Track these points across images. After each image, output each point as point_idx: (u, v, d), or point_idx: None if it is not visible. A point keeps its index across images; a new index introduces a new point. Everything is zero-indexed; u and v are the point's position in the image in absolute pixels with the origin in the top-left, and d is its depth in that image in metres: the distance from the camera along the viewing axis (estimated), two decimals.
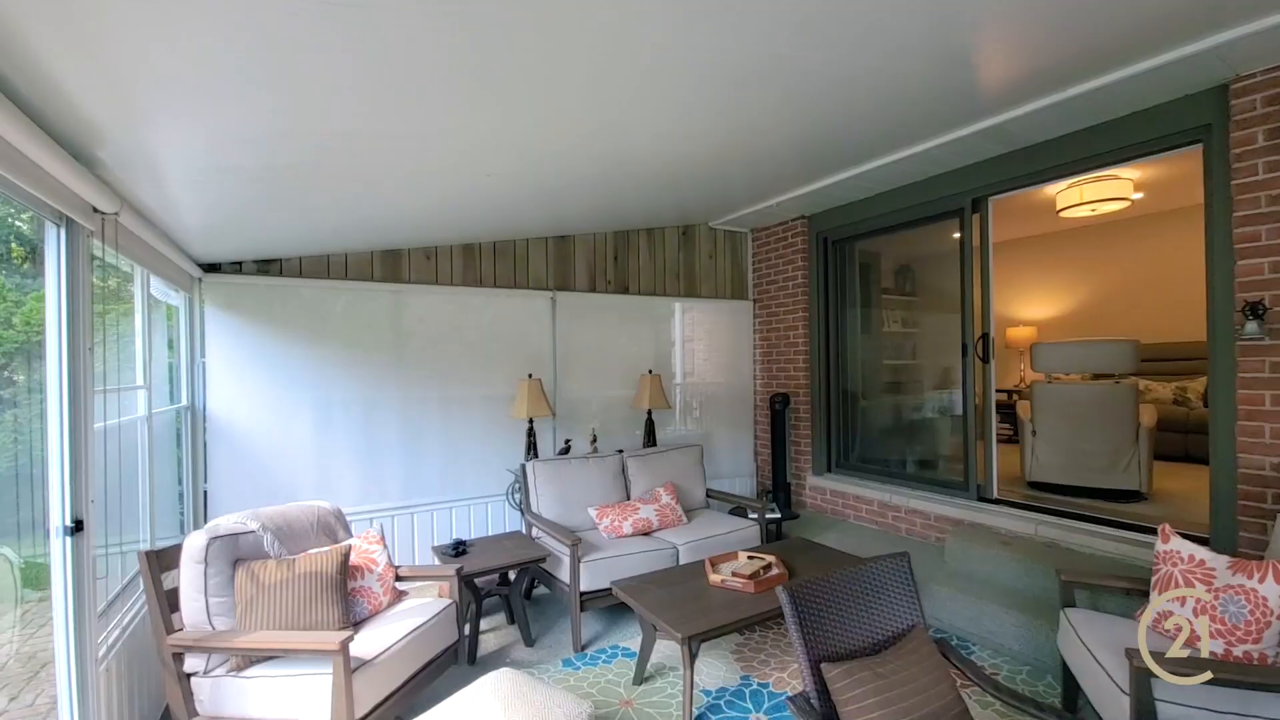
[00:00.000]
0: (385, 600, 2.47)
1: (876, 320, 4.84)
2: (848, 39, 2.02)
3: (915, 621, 1.55)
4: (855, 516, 4.59)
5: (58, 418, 1.69)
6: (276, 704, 1.96)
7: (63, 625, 1.74)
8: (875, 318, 4.85)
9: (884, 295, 4.88)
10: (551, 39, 1.70)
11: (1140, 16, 2.14)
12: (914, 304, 4.72)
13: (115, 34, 1.30)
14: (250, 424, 3.44)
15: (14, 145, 1.39)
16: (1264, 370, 2.61)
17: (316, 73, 1.66)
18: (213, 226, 2.84)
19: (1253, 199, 2.63)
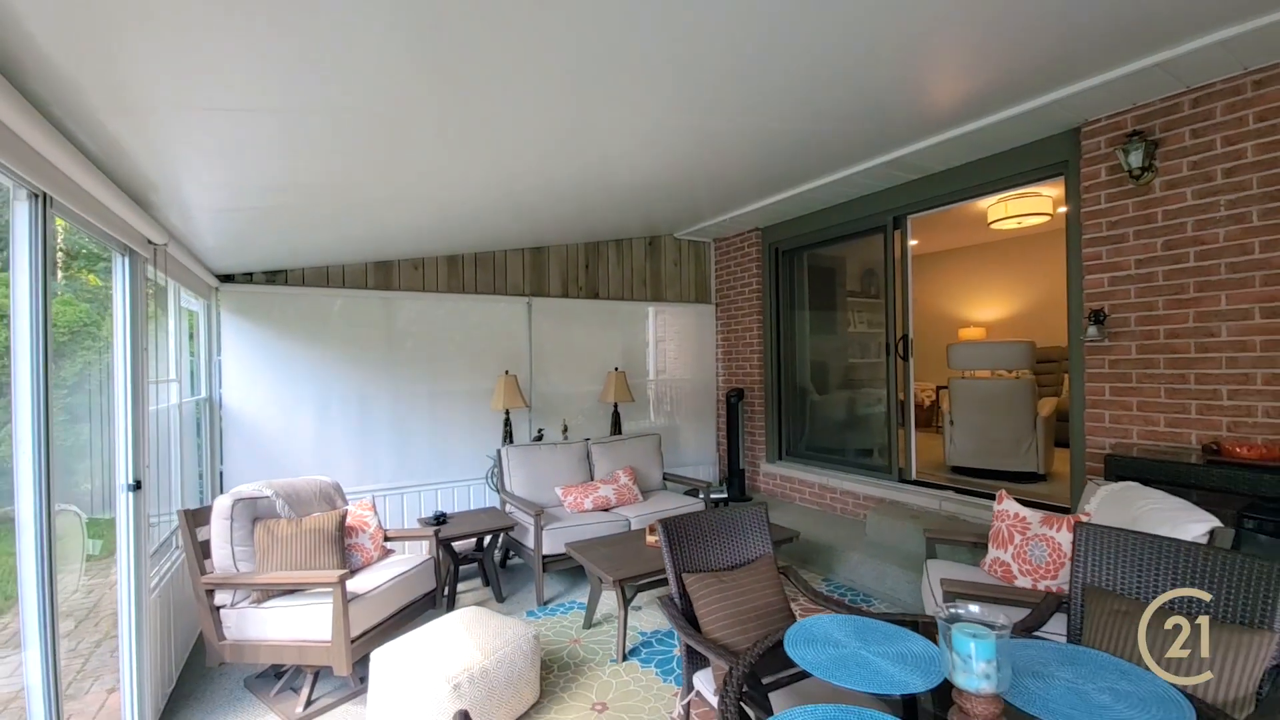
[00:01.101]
0: (375, 555, 3.01)
1: (821, 322, 5.37)
2: (772, 87, 2.39)
3: (765, 552, 2.09)
4: (800, 499, 5.13)
5: (123, 402, 2.22)
6: (289, 628, 2.49)
7: (125, 561, 2.27)
8: (820, 320, 5.38)
9: (827, 300, 5.41)
10: (526, 89, 2.16)
11: (1007, 72, 2.59)
12: (852, 308, 5.24)
13: (166, 118, 1.83)
14: (260, 414, 3.97)
15: (95, 197, 1.91)
16: (1104, 367, 3.15)
17: (323, 143, 2.19)
18: (228, 246, 3.37)
19: (1096, 224, 3.17)
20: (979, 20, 2.09)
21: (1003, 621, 1.14)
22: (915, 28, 2.07)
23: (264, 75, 1.67)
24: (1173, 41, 2.44)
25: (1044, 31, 2.24)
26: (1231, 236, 2.71)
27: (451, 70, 1.83)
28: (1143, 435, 3.01)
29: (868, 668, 1.37)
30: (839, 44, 2.10)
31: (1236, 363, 2.71)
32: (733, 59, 2.10)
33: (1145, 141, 2.92)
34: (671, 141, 2.96)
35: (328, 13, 1.44)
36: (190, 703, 2.61)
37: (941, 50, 2.32)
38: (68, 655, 2.69)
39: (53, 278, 1.68)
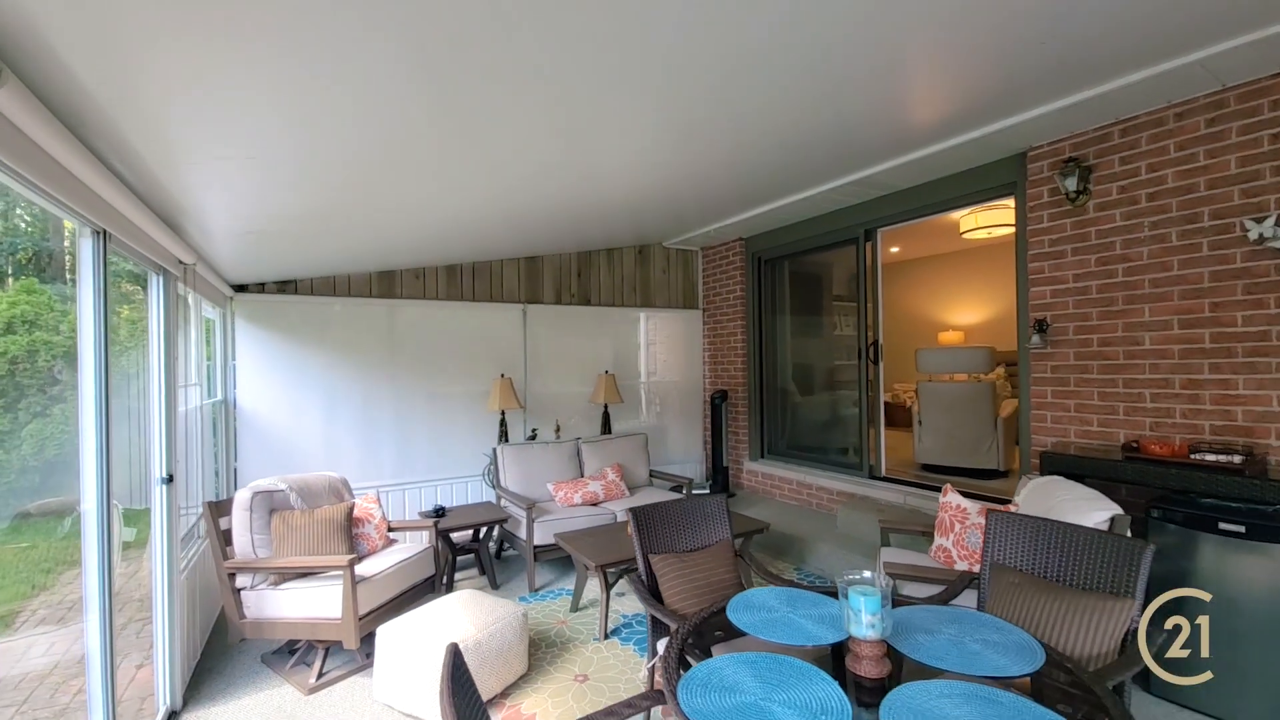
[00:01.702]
0: (380, 544, 3.30)
1: (801, 327, 5.66)
2: (751, 109, 2.64)
3: (723, 537, 2.37)
4: (780, 494, 5.42)
5: (158, 404, 2.51)
6: (303, 607, 2.78)
7: (159, 546, 2.55)
8: (800, 325, 5.67)
9: (806, 306, 5.69)
10: (521, 117, 2.42)
11: (961, 102, 2.82)
12: (829, 314, 5.53)
13: (199, 163, 2.12)
14: (271, 414, 4.26)
15: (142, 229, 2.19)
16: (1047, 372, 3.44)
17: (334, 177, 2.48)
18: (243, 259, 3.66)
19: (1039, 240, 3.46)
20: (936, 56, 2.28)
21: (883, 582, 1.43)
22: (879, 62, 2.23)
23: (287, 127, 1.96)
24: (1104, 78, 2.69)
25: (994, 67, 2.45)
26: (1154, 255, 3.00)
27: (452, 103, 2.03)
28: (1079, 434, 3.30)
29: (792, 626, 1.66)
30: (811, 73, 2.29)
31: (1158, 369, 2.99)
32: (714, 86, 2.25)
33: (1079, 167, 3.21)
34: (658, 159, 3.19)
35: (344, 63, 1.73)
36: (213, 676, 2.90)
37: (903, 83, 2.54)
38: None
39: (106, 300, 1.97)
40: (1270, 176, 2.64)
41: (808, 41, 2.04)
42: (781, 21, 1.87)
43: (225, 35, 1.40)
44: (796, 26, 1.91)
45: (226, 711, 2.61)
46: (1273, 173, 2.63)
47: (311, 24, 1.42)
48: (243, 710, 2.62)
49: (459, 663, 1.13)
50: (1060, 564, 1.92)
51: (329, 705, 2.64)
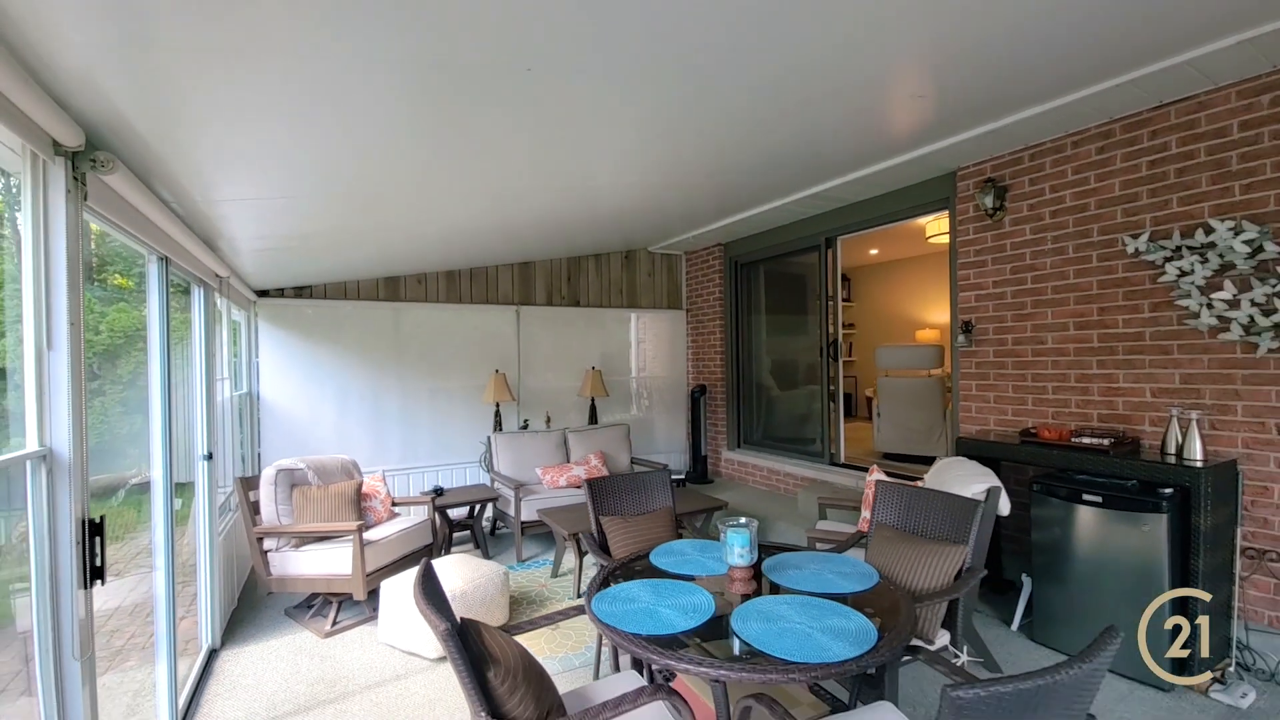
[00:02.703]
0: (385, 516, 3.81)
1: (774, 326, 6.10)
2: (723, 125, 2.93)
3: (665, 505, 2.85)
4: (753, 481, 5.89)
5: (200, 393, 3.03)
6: (320, 565, 3.30)
7: (201, 512, 3.08)
8: (773, 324, 6.11)
9: (778, 307, 6.13)
10: (517, 139, 2.89)
11: (901, 126, 3.21)
12: (798, 314, 5.96)
13: (234, 198, 2.62)
14: (290, 405, 4.79)
15: (191, 253, 2.70)
16: (972, 368, 3.87)
17: (348, 203, 2.98)
18: (266, 269, 4.18)
19: (966, 250, 3.89)
20: (881, 81, 2.57)
21: (744, 521, 1.90)
22: (827, 88, 2.50)
23: (308, 163, 2.46)
24: (1016, 109, 3.04)
25: (929, 94, 2.83)
26: (1055, 265, 3.43)
27: (452, 130, 2.27)
28: (997, 422, 3.74)
29: (696, 563, 2.13)
30: (771, 93, 2.52)
31: (1058, 364, 3.42)
32: (690, 104, 2.50)
33: (996, 186, 3.63)
34: (644, 173, 3.53)
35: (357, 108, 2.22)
36: (245, 624, 3.43)
37: (854, 106, 2.80)
38: (143, 595, 3.52)
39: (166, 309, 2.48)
40: (1146, 198, 3.06)
41: (770, 64, 2.19)
42: (748, 48, 2.05)
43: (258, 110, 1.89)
44: (762, 52, 2.09)
45: (256, 651, 3.14)
46: (1148, 195, 3.05)
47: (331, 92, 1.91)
48: (270, 650, 3.14)
49: (429, 571, 1.61)
50: (921, 521, 2.38)
51: (341, 646, 3.16)
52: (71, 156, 1.45)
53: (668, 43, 1.90)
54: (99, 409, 3.42)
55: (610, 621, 1.70)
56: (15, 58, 1.26)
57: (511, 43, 1.74)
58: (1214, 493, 2.56)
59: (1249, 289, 2.69)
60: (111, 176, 1.58)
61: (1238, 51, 2.48)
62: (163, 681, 2.43)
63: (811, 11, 1.84)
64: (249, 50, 1.49)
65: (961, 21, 2.09)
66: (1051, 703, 1.01)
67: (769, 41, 2.01)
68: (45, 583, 1.42)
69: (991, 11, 2.03)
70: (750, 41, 2.00)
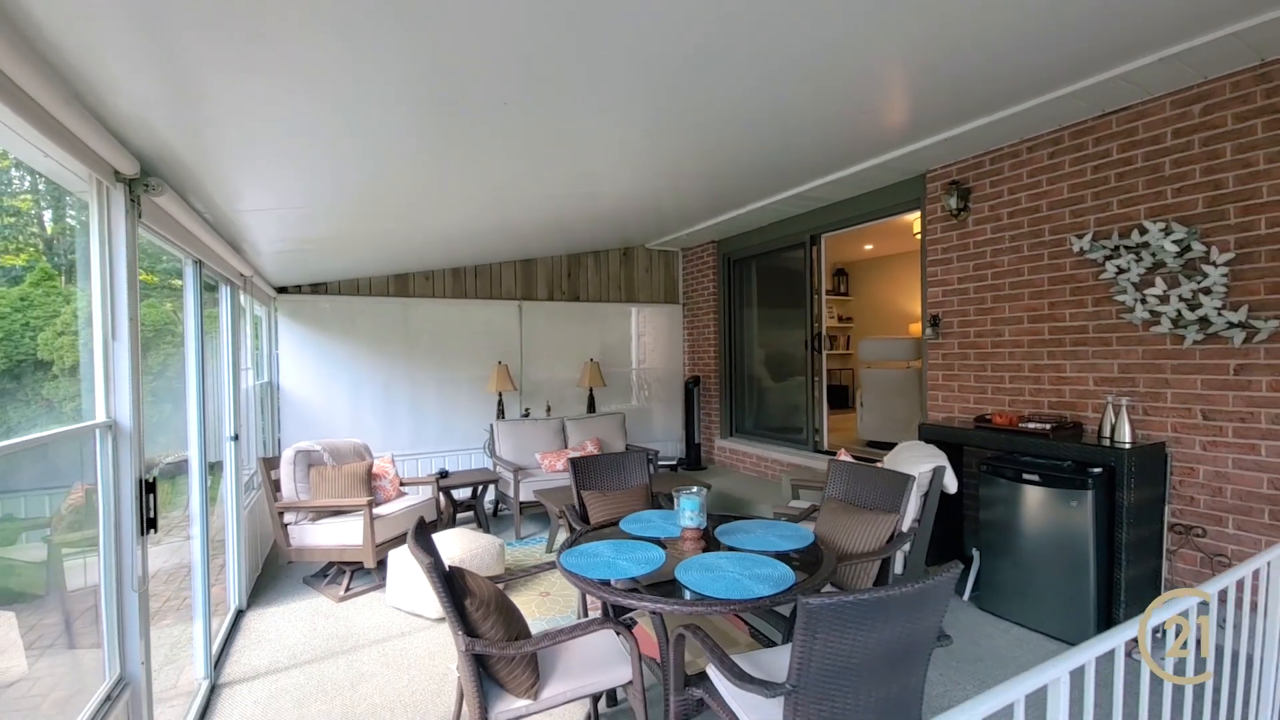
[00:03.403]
0: (394, 494, 4.16)
1: (765, 320, 6.35)
2: (715, 123, 3.18)
3: (642, 482, 3.15)
4: (743, 467, 6.17)
5: (228, 380, 3.38)
6: (334, 537, 3.65)
7: (230, 487, 3.44)
8: (764, 318, 6.36)
9: (769, 301, 6.38)
10: (520, 149, 3.21)
11: (876, 130, 3.41)
12: (787, 308, 6.20)
13: (257, 208, 2.96)
14: (307, 394, 5.16)
15: (221, 256, 3.04)
16: (939, 359, 4.12)
17: (362, 210, 3.30)
18: (284, 268, 4.53)
19: (934, 248, 4.13)
20: (859, 85, 2.73)
21: (695, 490, 2.20)
22: (805, 95, 2.73)
23: (325, 181, 2.78)
24: (974, 117, 3.25)
25: (899, 102, 3.03)
26: (1011, 262, 3.66)
27: (458, 138, 2.60)
28: (961, 410, 3.99)
29: (659, 529, 2.44)
30: (756, 100, 2.71)
31: (1014, 355, 3.67)
32: (683, 112, 2.70)
33: (959, 188, 3.87)
34: (641, 173, 3.79)
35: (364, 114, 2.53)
36: (267, 590, 3.80)
37: (825, 116, 3.07)
38: (174, 565, 3.90)
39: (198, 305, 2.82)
40: (1091, 200, 3.29)
41: (754, 72, 2.36)
42: (731, 58, 2.18)
43: (286, 135, 2.21)
44: (745, 63, 2.27)
45: (278, 612, 3.50)
46: (1093, 197, 3.28)
47: (349, 118, 2.23)
48: (290, 612, 3.51)
49: (422, 523, 1.93)
50: (864, 494, 2.66)
51: (353, 609, 3.52)
52: (129, 183, 1.77)
53: (656, 56, 2.08)
54: None
55: (574, 570, 2.01)
56: (84, 104, 1.58)
57: (512, 75, 2.03)
58: (1137, 472, 2.81)
59: (1177, 285, 2.92)
60: (160, 198, 1.90)
61: (1164, 67, 2.70)
62: (199, 634, 2.79)
63: (789, 25, 2.00)
64: (279, 94, 1.80)
65: (924, 40, 2.25)
66: (887, 615, 1.29)
67: (753, 48, 2.14)
68: (110, 529, 1.76)
69: (953, 28, 2.21)
70: (734, 52, 2.14)
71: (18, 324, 3.95)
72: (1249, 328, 2.70)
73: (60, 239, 3.64)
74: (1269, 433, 2.68)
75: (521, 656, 1.72)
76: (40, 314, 3.89)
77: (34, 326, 3.86)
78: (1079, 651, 1.14)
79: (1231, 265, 2.75)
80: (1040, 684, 1.08)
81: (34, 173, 2.85)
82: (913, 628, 1.36)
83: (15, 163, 2.78)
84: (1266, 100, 2.67)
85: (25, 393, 3.68)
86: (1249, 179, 2.73)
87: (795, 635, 1.27)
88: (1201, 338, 2.85)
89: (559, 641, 1.74)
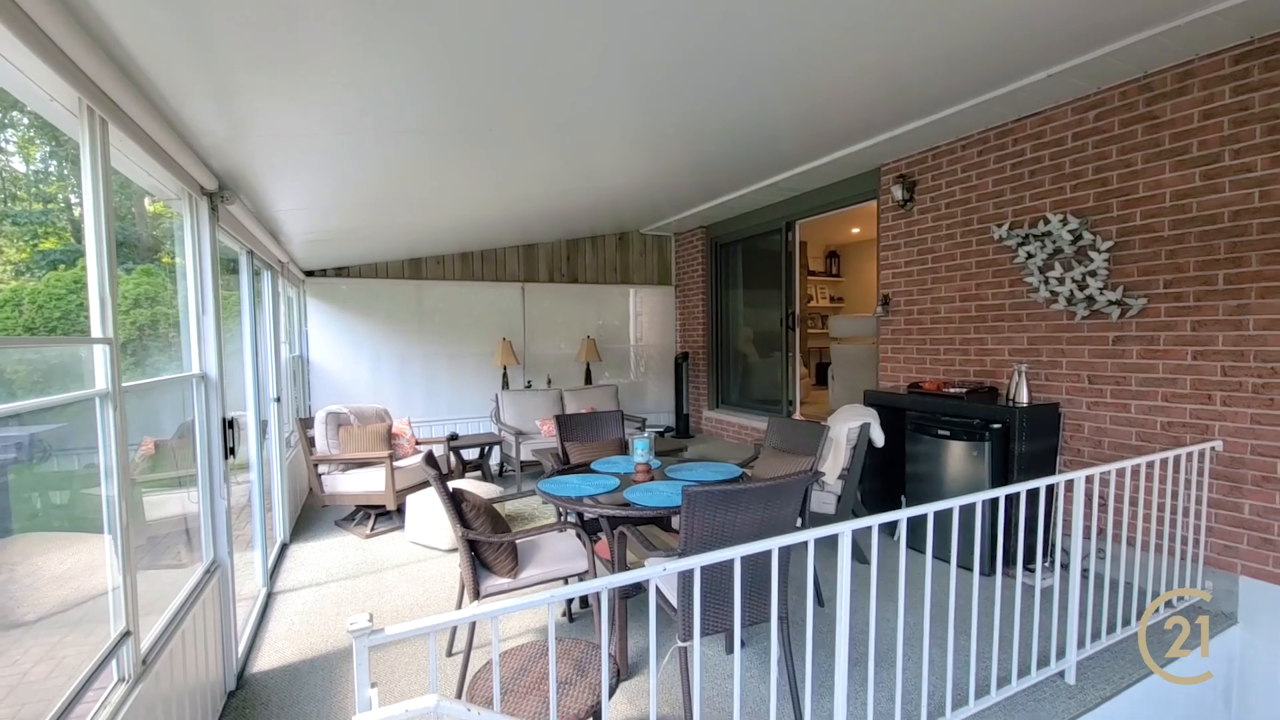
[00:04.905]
0: (410, 451, 4.82)
1: (749, 300, 6.87)
2: (700, 112, 3.81)
3: (616, 436, 3.75)
4: (727, 435, 6.75)
5: (271, 354, 4.02)
6: (360, 484, 4.31)
7: (275, 440, 4.10)
8: (748, 298, 6.88)
9: (752, 282, 6.88)
10: (527, 143, 3.84)
11: (836, 127, 3.87)
12: (769, 289, 6.71)
13: (295, 207, 3.55)
14: (333, 366, 5.82)
15: (265, 245, 3.65)
16: (889, 334, 4.64)
17: (383, 206, 3.89)
18: (312, 254, 5.15)
19: (886, 235, 4.62)
20: (824, 82, 3.09)
21: (647, 434, 2.78)
22: (778, 95, 3.21)
23: (352, 183, 3.37)
24: (920, 116, 3.72)
25: (856, 100, 3.49)
26: (947, 248, 4.15)
27: (473, 140, 3.24)
28: (905, 379, 4.51)
29: (621, 466, 3.03)
30: (734, 99, 3.11)
31: (948, 331, 4.17)
32: (671, 105, 3.21)
33: (906, 181, 4.35)
34: (634, 162, 4.25)
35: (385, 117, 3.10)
36: (306, 529, 4.49)
37: (793, 111, 3.55)
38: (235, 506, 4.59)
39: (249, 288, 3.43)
40: (1010, 194, 3.76)
41: (734, 74, 2.74)
42: (710, 61, 2.77)
43: (325, 157, 2.79)
44: (724, 68, 2.63)
45: (315, 545, 4.18)
46: (1011, 191, 3.75)
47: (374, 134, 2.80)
48: (325, 545, 4.18)
49: (431, 453, 2.53)
50: (793, 442, 3.23)
51: (378, 544, 4.18)
52: (210, 195, 2.37)
53: (650, 58, 2.59)
54: (173, 372, 4.45)
55: (549, 491, 2.61)
56: (181, 139, 2.17)
57: (521, 77, 2.59)
58: (1028, 427, 3.34)
59: (1071, 269, 3.41)
60: (232, 206, 2.50)
61: (1065, 77, 3.14)
62: (258, 557, 3.46)
63: (762, 32, 2.38)
64: (315, 125, 2.38)
65: (876, 50, 2.67)
66: (747, 502, 1.86)
67: (732, 55, 2.51)
68: (205, 454, 2.39)
69: (899, 39, 2.59)
70: (716, 57, 2.50)
71: (73, 304, 4.61)
72: (1124, 305, 3.19)
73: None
74: (1138, 394, 3.19)
75: (505, 545, 2.34)
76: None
77: (87, 306, 4.54)
78: (859, 521, 1.71)
79: (1112, 251, 3.24)
80: (833, 532, 1.66)
81: (65, 159, 3.39)
82: (770, 513, 1.93)
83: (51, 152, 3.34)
84: (1146, 108, 3.13)
85: (81, 368, 4.36)
86: (1129, 177, 3.20)
87: (682, 515, 1.85)
88: (1088, 314, 3.35)
89: (530, 536, 2.34)
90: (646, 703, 2.23)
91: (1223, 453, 2.88)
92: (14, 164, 3.45)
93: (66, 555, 2.72)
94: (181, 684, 1.89)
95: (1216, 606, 2.93)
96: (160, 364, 3.42)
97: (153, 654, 1.69)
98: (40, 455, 2.65)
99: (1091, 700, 2.23)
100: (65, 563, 2.74)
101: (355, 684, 1.11)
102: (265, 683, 2.49)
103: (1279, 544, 2.75)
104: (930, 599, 1.93)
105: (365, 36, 1.82)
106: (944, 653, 2.50)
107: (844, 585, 1.70)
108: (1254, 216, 2.78)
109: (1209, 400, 2.92)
